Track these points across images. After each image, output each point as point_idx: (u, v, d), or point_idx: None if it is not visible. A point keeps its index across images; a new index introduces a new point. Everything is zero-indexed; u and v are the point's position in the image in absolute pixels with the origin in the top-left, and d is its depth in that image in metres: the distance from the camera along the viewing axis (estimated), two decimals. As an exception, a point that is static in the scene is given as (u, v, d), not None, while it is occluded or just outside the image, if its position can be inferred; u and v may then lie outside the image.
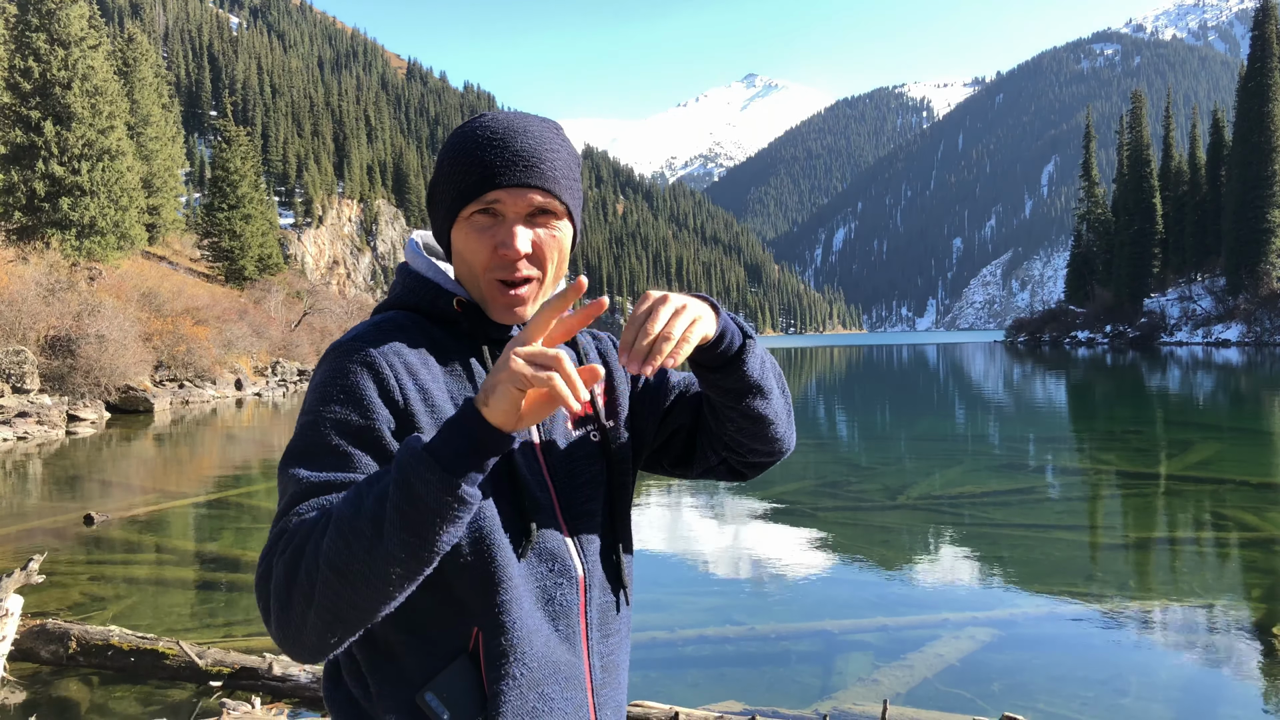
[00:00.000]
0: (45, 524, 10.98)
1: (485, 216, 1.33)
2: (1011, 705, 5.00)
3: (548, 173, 1.34)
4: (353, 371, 1.25)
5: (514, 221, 1.32)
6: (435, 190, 1.38)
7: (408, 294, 1.40)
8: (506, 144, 1.32)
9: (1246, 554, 8.89)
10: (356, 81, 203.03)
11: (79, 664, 5.76)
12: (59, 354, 24.59)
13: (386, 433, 1.23)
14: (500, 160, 1.31)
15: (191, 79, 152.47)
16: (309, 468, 1.21)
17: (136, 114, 50.21)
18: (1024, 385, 37.08)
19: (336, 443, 1.22)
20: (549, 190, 1.34)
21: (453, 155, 1.35)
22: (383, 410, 1.24)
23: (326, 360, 1.29)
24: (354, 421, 1.22)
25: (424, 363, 1.30)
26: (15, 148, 32.48)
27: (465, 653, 1.27)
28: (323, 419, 1.23)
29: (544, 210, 1.35)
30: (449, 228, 1.37)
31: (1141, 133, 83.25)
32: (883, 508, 11.46)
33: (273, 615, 1.13)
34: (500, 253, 1.32)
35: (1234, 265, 70.58)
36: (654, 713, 4.57)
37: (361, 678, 1.29)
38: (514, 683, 1.27)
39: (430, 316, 1.38)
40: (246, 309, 41.58)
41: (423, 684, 1.25)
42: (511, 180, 1.31)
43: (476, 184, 1.31)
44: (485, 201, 1.32)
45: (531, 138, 1.34)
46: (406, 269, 1.44)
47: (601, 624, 1.40)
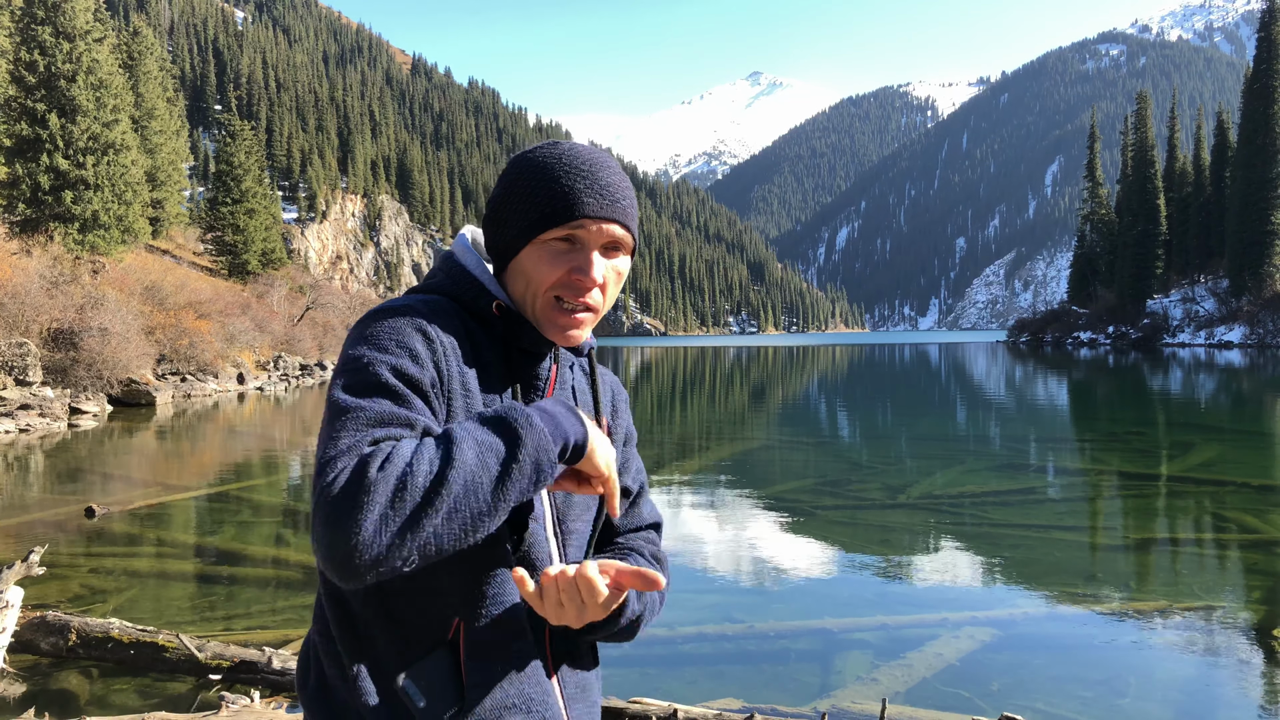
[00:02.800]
0: (47, 516, 11.00)
1: (563, 243, 1.37)
2: (1010, 705, 5.00)
3: (628, 209, 1.40)
4: (406, 331, 1.27)
5: (592, 250, 1.37)
6: (507, 208, 1.40)
7: (451, 284, 1.42)
8: (594, 175, 1.37)
9: (1247, 556, 8.89)
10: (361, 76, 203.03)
11: (79, 656, 5.77)
12: (62, 347, 24.61)
13: (431, 392, 1.26)
14: (589, 190, 1.36)
15: (196, 73, 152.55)
16: (369, 398, 1.21)
17: (141, 107, 50.18)
18: (1026, 385, 37.06)
19: (393, 384, 1.23)
20: (626, 225, 1.39)
21: (535, 178, 1.37)
22: (430, 370, 1.27)
23: (377, 317, 1.30)
24: (409, 371, 1.24)
25: (459, 350, 1.33)
26: (20, 140, 32.46)
27: (445, 643, 1.29)
28: (378, 361, 1.24)
29: (616, 244, 1.40)
30: (518, 247, 1.39)
31: (1146, 134, 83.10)
32: (883, 507, 11.46)
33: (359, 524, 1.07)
34: (575, 278, 1.36)
35: (1237, 267, 70.50)
36: (653, 709, 4.58)
37: (339, 661, 1.30)
38: (491, 677, 1.30)
39: (469, 311, 1.40)
40: (249, 303, 41.61)
41: (401, 671, 1.27)
42: (598, 211, 1.36)
43: (564, 211, 1.35)
44: (570, 228, 1.35)
45: (614, 172, 1.40)
46: (454, 261, 1.45)
47: (568, 643, 1.43)
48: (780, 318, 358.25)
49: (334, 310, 53.16)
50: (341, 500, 1.08)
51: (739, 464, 15.80)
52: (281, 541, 9.65)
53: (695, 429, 21.67)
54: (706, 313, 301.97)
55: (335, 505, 1.09)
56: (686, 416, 24.85)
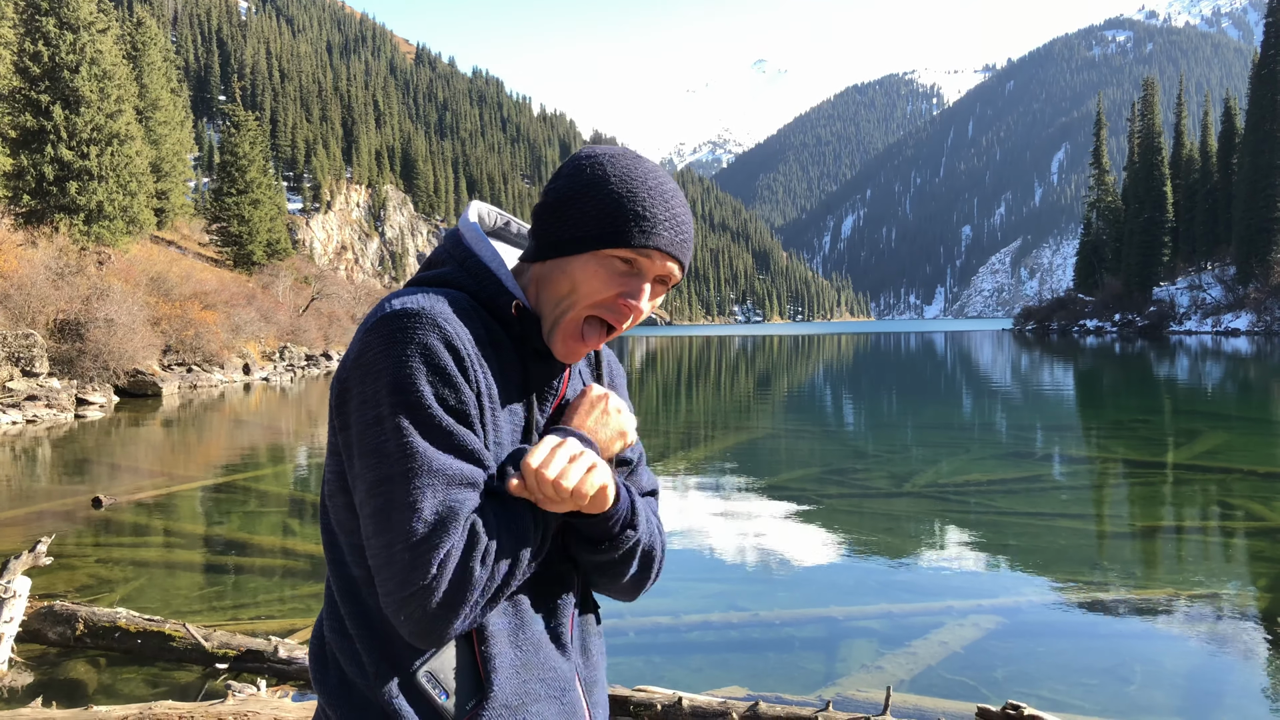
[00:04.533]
0: (54, 507, 11.04)
1: (624, 265, 1.34)
2: (1015, 693, 5.00)
3: (689, 250, 1.38)
4: (438, 350, 1.23)
5: (648, 279, 1.35)
6: (575, 207, 1.33)
7: (466, 277, 1.37)
8: (671, 205, 1.35)
9: (1253, 543, 8.88)
10: (365, 66, 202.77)
11: (86, 646, 5.79)
12: (68, 338, 24.65)
13: (474, 414, 1.26)
14: (666, 224, 1.34)
15: (200, 63, 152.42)
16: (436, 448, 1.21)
17: (145, 98, 50.15)
18: (1031, 374, 37.00)
19: (449, 425, 1.22)
20: (684, 266, 1.38)
21: (618, 189, 1.32)
22: (469, 392, 1.25)
23: (399, 329, 1.24)
24: (453, 402, 1.23)
25: (483, 357, 1.30)
26: (25, 132, 32.45)
27: (463, 634, 1.28)
28: (425, 396, 1.22)
29: (667, 279, 1.38)
30: (576, 251, 1.34)
31: (1153, 120, 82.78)
32: (888, 495, 11.46)
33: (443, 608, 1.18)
34: (623, 302, 1.34)
35: (1244, 254, 70.27)
36: (657, 697, 4.59)
37: (357, 658, 1.28)
38: (511, 664, 1.29)
39: (485, 306, 1.36)
40: (254, 294, 41.63)
41: (419, 664, 1.26)
42: (669, 247, 1.34)
43: (640, 234, 1.32)
44: (638, 253, 1.32)
45: (684, 205, 1.38)
46: (467, 250, 1.40)
47: (582, 633, 1.44)
48: (785, 307, 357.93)
49: (339, 301, 53.20)
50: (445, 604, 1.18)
51: (744, 453, 15.80)
52: (288, 531, 9.68)
53: (701, 418, 21.67)
54: (712, 302, 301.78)
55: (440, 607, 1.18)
56: (692, 406, 24.85)
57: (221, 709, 4.04)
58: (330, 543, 1.34)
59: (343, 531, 1.30)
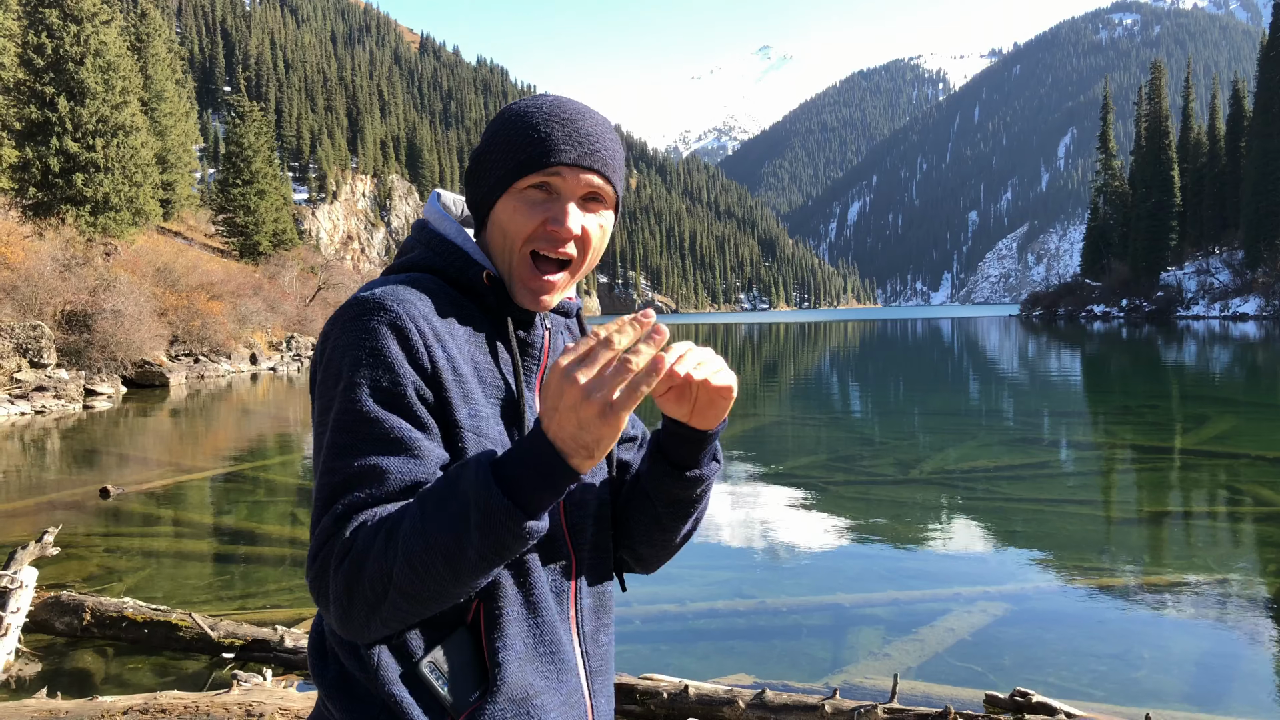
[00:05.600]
0: (62, 497, 11.07)
1: (539, 192, 1.32)
2: (1023, 680, 4.98)
3: (608, 159, 1.34)
4: (380, 333, 1.21)
5: (569, 200, 1.32)
6: (485, 159, 1.35)
7: (434, 257, 1.36)
8: (573, 123, 1.32)
9: (1262, 529, 8.84)
10: (370, 56, 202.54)
11: (93, 635, 5.81)
12: (75, 329, 24.72)
13: (415, 399, 1.21)
14: (566, 137, 1.31)
15: (205, 54, 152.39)
16: (351, 449, 1.17)
17: (150, 89, 50.13)
18: (1038, 359, 36.91)
19: (371, 411, 1.18)
20: (607, 176, 1.34)
21: (513, 127, 1.33)
22: (413, 375, 1.21)
23: (350, 318, 1.23)
24: (385, 387, 1.19)
25: (450, 332, 1.27)
26: (30, 124, 32.48)
27: (464, 625, 1.25)
28: (355, 384, 1.19)
29: (596, 196, 1.34)
30: (495, 198, 1.34)
31: (1160, 104, 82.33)
32: (895, 482, 11.44)
33: (334, 617, 1.15)
34: (550, 228, 1.31)
35: (1253, 238, 69.93)
36: (663, 685, 4.58)
37: (357, 651, 1.25)
38: (514, 655, 1.26)
39: (454, 284, 1.35)
40: (261, 284, 41.67)
41: (421, 656, 1.23)
42: (576, 158, 1.30)
43: (540, 157, 1.30)
44: (546, 174, 1.30)
45: (595, 122, 1.35)
46: (431, 231, 1.40)
47: (594, 611, 1.41)
48: (792, 294, 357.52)
49: (346, 290, 53.19)
50: (314, 584, 1.16)
51: (751, 440, 15.79)
52: (295, 521, 9.69)
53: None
54: (718, 290, 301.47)
55: (312, 586, 1.17)
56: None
57: (227, 698, 4.04)
58: None
59: None
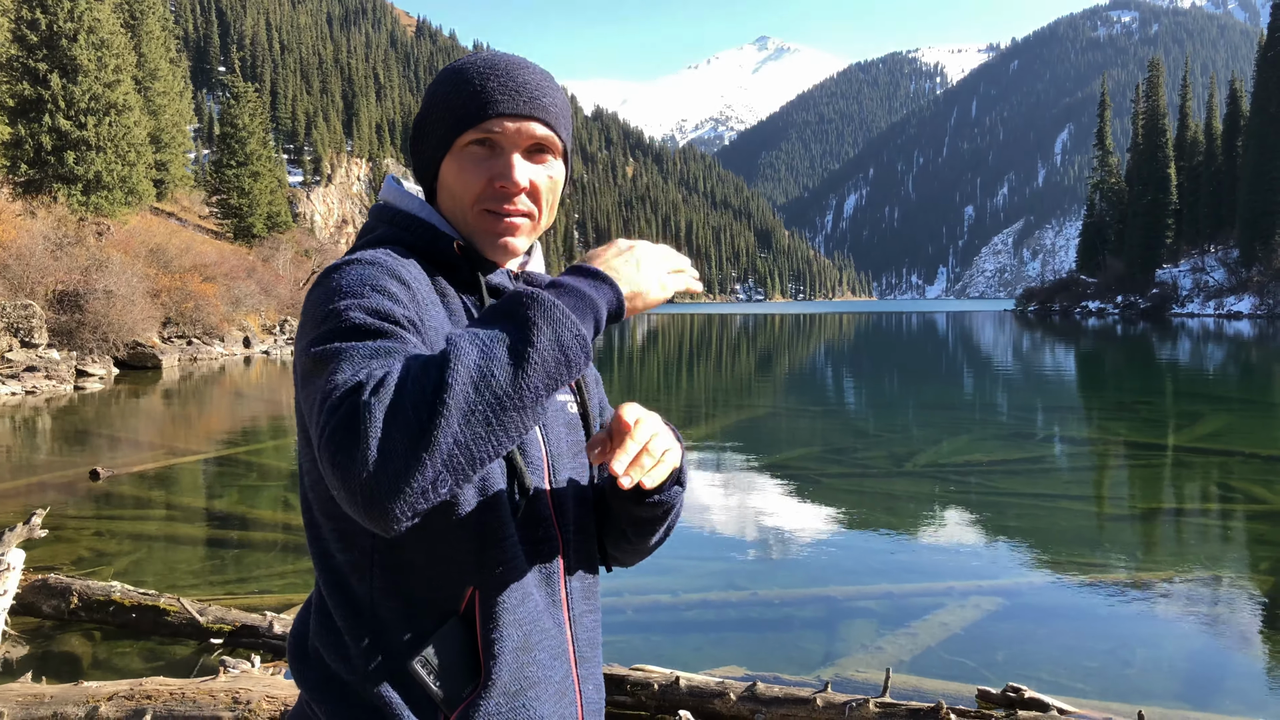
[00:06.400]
0: (51, 479, 11.01)
1: (482, 148, 1.27)
2: (1015, 675, 4.96)
3: (550, 107, 1.29)
4: (378, 276, 1.15)
5: (512, 153, 1.27)
6: (425, 122, 1.31)
7: (401, 233, 1.29)
8: (510, 74, 1.28)
9: (1254, 526, 8.85)
10: (366, 39, 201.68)
11: (81, 619, 5.76)
12: (67, 309, 24.58)
13: (418, 328, 1.14)
14: (502, 89, 1.26)
15: (200, 34, 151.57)
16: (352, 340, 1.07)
17: (144, 68, 49.83)
18: (1033, 355, 36.95)
19: (374, 323, 1.09)
20: (550, 125, 1.29)
21: (449, 84, 1.28)
22: (412, 311, 1.15)
23: (342, 269, 1.16)
24: (388, 309, 1.12)
25: (433, 301, 1.23)
26: (22, 101, 32.27)
27: (457, 615, 1.20)
28: (353, 306, 1.10)
29: (542, 147, 1.29)
30: (439, 159, 1.30)
31: (1158, 102, 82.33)
32: (889, 475, 11.43)
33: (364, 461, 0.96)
34: (498, 185, 1.26)
35: (1248, 237, 70.05)
36: (654, 676, 4.55)
37: (345, 651, 1.20)
38: (509, 646, 1.20)
39: (425, 258, 1.29)
40: (254, 267, 41.49)
41: (412, 651, 1.18)
42: (514, 109, 1.26)
43: (477, 111, 1.25)
44: (484, 129, 1.25)
45: (533, 72, 1.30)
46: (393, 209, 1.33)
47: (582, 595, 1.35)
48: (787, 286, 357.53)
49: (339, 274, 52.96)
50: (338, 434, 0.97)
51: (745, 431, 15.77)
52: (287, 505, 9.63)
53: (701, 396, 21.63)
54: (713, 280, 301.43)
55: (334, 442, 0.98)
56: (693, 384, 24.81)
57: (213, 685, 4.00)
58: (315, 535, 1.26)
59: (325, 516, 1.23)
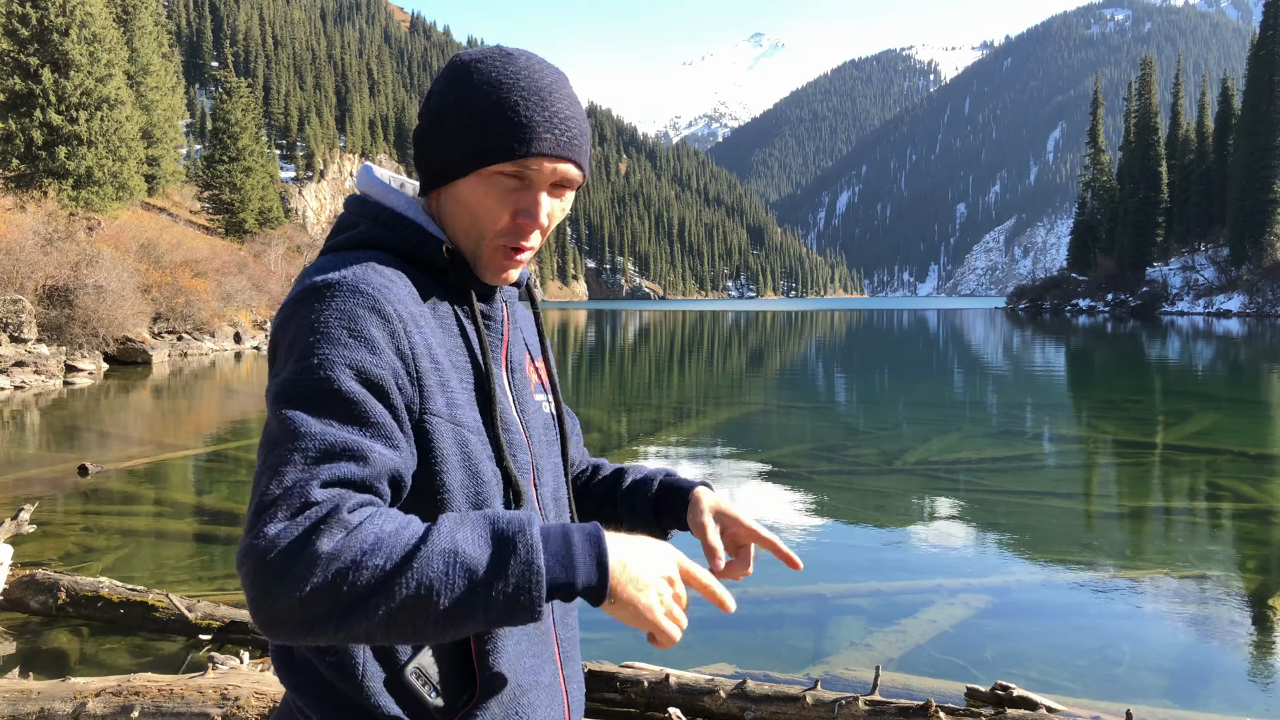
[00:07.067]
0: (40, 474, 10.97)
1: (513, 180, 1.23)
2: (1004, 673, 4.98)
3: (583, 145, 1.27)
4: (359, 314, 1.11)
5: (540, 190, 1.24)
6: (449, 123, 1.24)
7: (385, 232, 1.26)
8: (552, 106, 1.23)
9: (1242, 525, 8.87)
10: (359, 34, 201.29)
11: (68, 615, 5.74)
12: (57, 304, 24.49)
13: (394, 385, 1.12)
14: (547, 125, 1.22)
15: (192, 28, 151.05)
16: (321, 418, 1.06)
17: (136, 63, 49.55)
18: (1023, 352, 37.03)
19: (349, 391, 1.07)
20: (581, 165, 1.27)
21: (488, 99, 1.21)
22: (391, 359, 1.12)
23: (322, 299, 1.13)
24: (366, 368, 1.09)
25: (422, 315, 1.20)
26: (13, 95, 32.16)
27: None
28: (331, 360, 1.08)
29: (566, 183, 1.27)
30: (459, 174, 1.24)
31: (1150, 100, 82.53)
32: (879, 472, 11.44)
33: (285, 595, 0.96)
34: (520, 221, 1.24)
35: (1238, 236, 70.33)
36: (644, 673, 4.55)
37: (338, 657, 1.17)
38: (504, 653, 1.21)
39: (410, 260, 1.26)
40: (246, 262, 41.36)
41: (407, 659, 1.17)
42: (554, 150, 1.22)
43: (518, 146, 1.20)
44: (521, 165, 1.21)
45: (571, 103, 1.26)
46: (378, 205, 1.29)
47: (563, 608, 1.36)
48: (779, 282, 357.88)
49: (331, 270, 52.80)
50: (268, 557, 0.96)
51: (735, 428, 15.77)
52: (275, 501, 9.60)
53: (692, 393, 21.63)
54: (705, 277, 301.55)
55: (261, 559, 0.97)
56: (684, 380, 24.81)
57: (202, 681, 3.99)
58: None
59: None
